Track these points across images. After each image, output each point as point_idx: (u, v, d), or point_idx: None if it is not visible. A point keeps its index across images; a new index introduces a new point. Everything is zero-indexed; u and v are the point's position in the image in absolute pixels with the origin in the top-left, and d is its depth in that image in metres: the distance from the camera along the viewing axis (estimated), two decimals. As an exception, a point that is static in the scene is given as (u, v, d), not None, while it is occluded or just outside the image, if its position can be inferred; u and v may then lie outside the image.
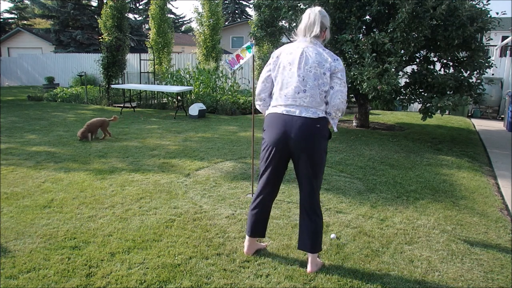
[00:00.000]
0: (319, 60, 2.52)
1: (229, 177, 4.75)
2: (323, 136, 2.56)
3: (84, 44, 24.47)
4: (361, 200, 4.04)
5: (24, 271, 2.60)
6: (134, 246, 2.95)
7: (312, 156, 2.54)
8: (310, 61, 2.52)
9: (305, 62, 2.53)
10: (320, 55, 2.54)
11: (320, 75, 2.52)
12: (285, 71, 2.58)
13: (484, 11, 6.65)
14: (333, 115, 2.57)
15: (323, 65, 2.52)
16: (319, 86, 2.52)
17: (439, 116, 9.99)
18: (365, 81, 6.25)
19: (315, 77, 2.51)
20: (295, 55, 2.56)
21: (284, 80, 2.58)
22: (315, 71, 2.51)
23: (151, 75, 14.71)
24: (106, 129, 6.96)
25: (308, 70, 2.52)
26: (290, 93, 2.54)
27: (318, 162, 2.58)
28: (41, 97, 13.39)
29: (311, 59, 2.52)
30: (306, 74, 2.52)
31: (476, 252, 3.01)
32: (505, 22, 15.81)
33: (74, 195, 4.02)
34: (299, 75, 2.53)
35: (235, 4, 41.34)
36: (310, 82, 2.51)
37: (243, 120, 9.36)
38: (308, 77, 2.51)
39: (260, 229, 2.83)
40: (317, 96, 2.52)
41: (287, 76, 2.57)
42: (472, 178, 4.98)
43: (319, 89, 2.52)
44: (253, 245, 2.88)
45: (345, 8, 6.97)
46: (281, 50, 2.67)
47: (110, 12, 12.11)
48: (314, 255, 2.65)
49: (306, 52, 2.55)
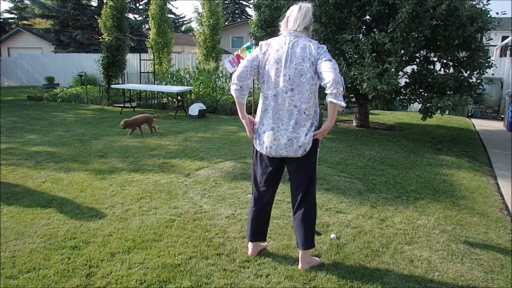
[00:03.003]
0: (303, 55, 2.50)
1: (229, 177, 4.75)
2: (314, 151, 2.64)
3: (84, 44, 24.46)
4: (361, 200, 4.04)
5: (24, 271, 2.60)
6: (134, 246, 2.95)
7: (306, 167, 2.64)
8: (295, 57, 2.51)
9: (290, 59, 2.51)
10: (304, 50, 2.51)
11: (306, 69, 2.49)
12: (272, 70, 2.55)
13: (484, 11, 6.65)
14: (335, 92, 2.38)
15: (308, 59, 2.50)
16: (308, 81, 2.50)
17: (439, 116, 9.99)
18: (365, 81, 6.25)
19: (301, 73, 2.50)
20: (281, 52, 2.54)
21: (271, 79, 2.56)
22: (301, 67, 2.50)
23: (151, 75, 14.71)
24: (151, 125, 7.42)
25: (294, 68, 2.50)
26: (279, 93, 2.54)
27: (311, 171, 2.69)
28: (41, 97, 13.39)
29: (295, 56, 2.51)
30: (292, 72, 2.51)
31: (476, 252, 3.01)
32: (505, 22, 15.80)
33: (74, 195, 4.02)
34: (285, 75, 2.52)
35: (235, 4, 41.33)
36: (296, 80, 2.50)
37: (243, 120, 9.35)
38: (294, 75, 2.51)
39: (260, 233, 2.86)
40: (305, 92, 2.51)
41: (274, 75, 2.55)
42: (472, 178, 4.97)
43: (308, 84, 2.50)
44: (256, 247, 2.90)
45: (345, 8, 6.97)
46: (268, 44, 2.61)
47: (110, 12, 12.11)
48: (305, 252, 2.67)
49: (292, 48, 2.52)
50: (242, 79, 2.59)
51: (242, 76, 2.58)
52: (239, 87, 2.60)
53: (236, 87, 2.60)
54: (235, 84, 2.60)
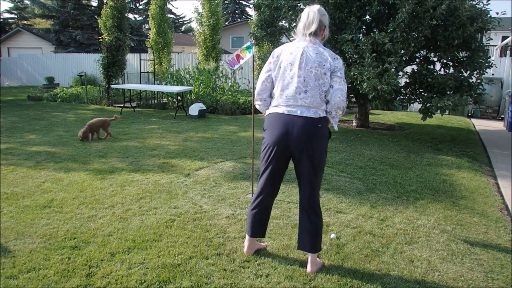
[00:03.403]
0: (319, 60, 2.52)
1: (229, 177, 4.75)
2: (324, 135, 2.57)
3: (84, 44, 24.47)
4: (361, 200, 4.04)
5: (24, 271, 2.60)
6: (134, 246, 2.95)
7: (313, 156, 2.55)
8: (311, 61, 2.52)
9: (305, 62, 2.53)
10: (320, 55, 2.54)
11: (320, 75, 2.52)
12: (286, 71, 2.58)
13: (484, 11, 6.65)
14: (333, 114, 2.59)
15: (323, 65, 2.52)
16: (320, 87, 2.53)
17: (439, 116, 9.99)
18: (365, 81, 6.25)
19: (315, 77, 2.52)
20: (295, 55, 2.56)
21: (285, 80, 2.59)
22: (316, 71, 2.52)
23: (151, 75, 14.71)
24: (107, 129, 6.96)
25: (309, 71, 2.52)
26: (291, 94, 2.55)
27: (318, 162, 2.58)
28: (41, 97, 13.39)
29: (311, 59, 2.52)
30: (307, 74, 2.52)
31: (476, 252, 3.01)
32: (505, 22, 15.81)
33: (74, 195, 4.02)
34: (300, 76, 2.53)
35: (235, 4, 41.33)
36: (311, 83, 2.52)
37: (243, 120, 9.36)
38: (309, 78, 2.52)
39: (260, 229, 2.83)
40: (317, 97, 2.53)
41: (288, 76, 2.57)
42: (472, 178, 4.97)
43: (320, 89, 2.53)
44: (253, 245, 2.88)
45: (345, 8, 6.97)
46: (281, 49, 2.66)
47: (110, 12, 12.11)
48: (314, 255, 2.66)
49: (306, 52, 2.55)
50: (262, 94, 2.73)
51: (261, 92, 2.74)
52: (263, 101, 2.76)
53: (259, 102, 2.77)
54: (258, 100, 2.77)
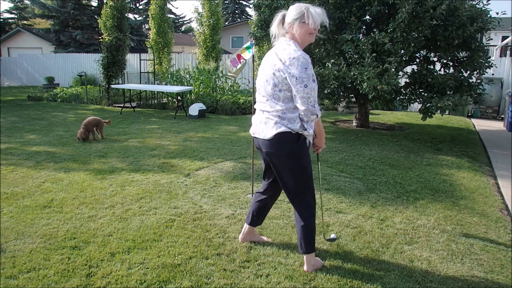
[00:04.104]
0: (270, 63, 2.53)
1: (229, 177, 4.75)
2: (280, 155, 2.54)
3: (84, 44, 24.47)
4: (361, 200, 4.04)
5: (24, 271, 2.60)
6: (134, 246, 2.95)
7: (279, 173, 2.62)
8: (266, 66, 2.57)
9: (263, 67, 2.60)
10: (273, 58, 2.50)
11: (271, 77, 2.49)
12: (258, 78, 2.67)
13: (484, 11, 6.65)
14: (305, 119, 2.47)
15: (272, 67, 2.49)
16: (272, 89, 2.49)
17: (439, 116, 9.99)
18: (365, 81, 6.25)
19: (267, 81, 2.53)
20: (263, 61, 2.64)
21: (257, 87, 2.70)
22: (267, 76, 2.53)
23: (151, 75, 14.71)
24: (101, 130, 6.90)
25: (265, 75, 2.55)
26: (259, 99, 2.64)
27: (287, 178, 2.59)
28: (41, 97, 13.39)
29: (266, 65, 2.57)
30: (264, 80, 2.57)
31: (476, 252, 3.01)
32: (505, 22, 15.81)
33: (74, 195, 4.02)
34: (260, 83, 2.62)
35: (235, 4, 41.33)
36: (267, 88, 2.54)
37: (243, 120, 9.36)
38: (265, 83, 2.55)
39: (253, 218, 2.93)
40: (271, 100, 2.52)
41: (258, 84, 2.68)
42: (472, 178, 4.97)
43: (273, 92, 2.50)
44: (248, 235, 3.00)
45: (345, 8, 6.97)
46: None
47: (110, 12, 12.11)
48: (308, 255, 2.67)
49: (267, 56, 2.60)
50: None
51: None
52: None
53: None
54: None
